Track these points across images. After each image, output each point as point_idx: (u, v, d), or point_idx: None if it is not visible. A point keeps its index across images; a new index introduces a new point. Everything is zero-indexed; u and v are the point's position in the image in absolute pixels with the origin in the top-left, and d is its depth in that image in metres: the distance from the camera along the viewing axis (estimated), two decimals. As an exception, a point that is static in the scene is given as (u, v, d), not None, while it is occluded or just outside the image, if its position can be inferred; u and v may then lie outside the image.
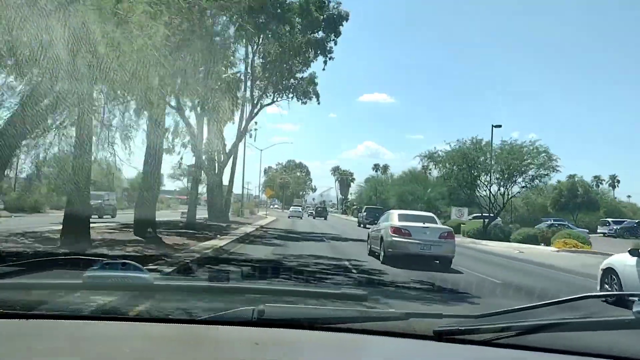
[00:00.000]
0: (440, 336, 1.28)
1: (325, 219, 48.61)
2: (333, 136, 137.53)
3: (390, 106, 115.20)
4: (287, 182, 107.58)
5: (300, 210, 53.92)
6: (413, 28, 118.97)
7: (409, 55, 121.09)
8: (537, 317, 1.33)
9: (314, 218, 47.82)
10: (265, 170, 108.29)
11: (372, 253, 12.42)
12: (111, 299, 1.57)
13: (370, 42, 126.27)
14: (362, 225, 34.75)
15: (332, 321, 1.32)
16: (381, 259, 10.84)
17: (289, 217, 44.12)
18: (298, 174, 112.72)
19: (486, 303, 5.77)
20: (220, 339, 1.29)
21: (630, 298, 1.31)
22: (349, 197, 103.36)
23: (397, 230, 10.70)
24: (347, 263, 10.58)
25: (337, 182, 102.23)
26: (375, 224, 13.93)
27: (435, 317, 1.39)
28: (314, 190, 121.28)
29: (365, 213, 36.46)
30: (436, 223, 11.51)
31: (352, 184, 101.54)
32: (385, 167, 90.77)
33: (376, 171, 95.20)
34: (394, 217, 11.68)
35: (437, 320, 1.36)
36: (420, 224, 10.92)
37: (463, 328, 1.29)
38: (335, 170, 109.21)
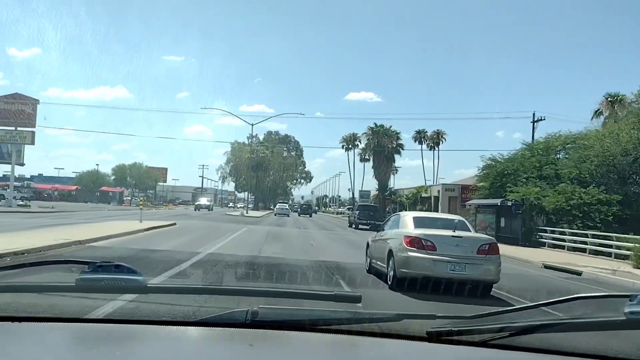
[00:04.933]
0: (433, 337, 1.54)
1: (310, 216, 62.72)
2: (319, 135, 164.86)
3: (377, 105, 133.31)
4: (266, 162, 79.33)
5: (287, 208, 62.86)
6: (400, 27, 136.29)
7: (396, 54, 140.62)
8: (530, 318, 1.57)
9: (299, 215, 61.58)
10: (232, 144, 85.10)
11: (373, 270, 11.53)
12: (104, 301, 1.87)
13: (357, 40, 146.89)
14: (353, 226, 37.12)
15: (325, 322, 1.58)
16: (390, 282, 9.73)
17: (275, 214, 54.99)
18: (285, 154, 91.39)
19: (480, 304, 6.74)
20: (214, 340, 1.58)
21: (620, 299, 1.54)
22: (392, 183, 70.92)
23: (414, 242, 9.41)
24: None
25: (370, 153, 67.99)
26: (370, 225, 11.80)
27: (428, 318, 1.65)
28: (309, 179, 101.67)
29: (357, 212, 38.51)
30: (469, 230, 10.40)
31: (398, 155, 68.59)
32: (440, 133, 69.19)
33: (420, 142, 70.41)
34: (407, 222, 10.56)
35: (431, 322, 1.61)
36: (449, 233, 9.69)
37: (456, 329, 1.54)
38: (350, 140, 75.26)
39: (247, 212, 52.04)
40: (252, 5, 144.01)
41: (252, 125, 46.28)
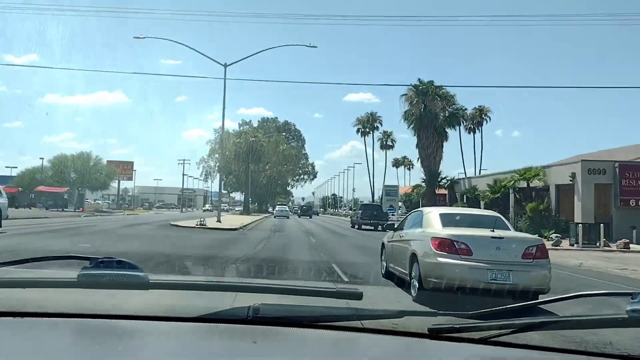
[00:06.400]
0: (435, 334, 1.65)
1: (310, 217, 64.39)
2: (318, 137, 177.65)
3: (375, 105, 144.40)
4: (258, 149, 66.28)
5: (287, 209, 63.04)
6: (396, 26, 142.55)
7: (392, 54, 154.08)
8: (532, 316, 1.68)
9: (299, 217, 63.67)
10: (217, 131, 70.13)
11: (391, 276, 10.98)
12: (106, 297, 1.95)
13: (354, 42, 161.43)
14: (356, 227, 38.06)
15: (327, 319, 1.72)
16: (414, 293, 8.90)
17: (275, 217, 54.77)
18: (283, 147, 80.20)
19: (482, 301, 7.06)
20: (216, 336, 1.70)
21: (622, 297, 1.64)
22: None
23: (445, 244, 8.50)
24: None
25: (412, 125, 48.96)
26: (373, 225, 10.83)
27: (430, 315, 1.81)
28: (314, 174, 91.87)
29: (360, 211, 39.25)
30: (509, 229, 9.56)
31: (452, 130, 51.22)
32: (483, 110, 59.43)
33: (458, 123, 54.31)
34: (433, 220, 9.68)
35: (432, 319, 1.74)
36: (487, 232, 8.73)
37: (458, 326, 1.65)
38: (368, 122, 69.12)
39: (218, 219, 34.15)
40: (250, 7, 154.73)
41: (225, 66, 34.02)
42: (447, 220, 9.38)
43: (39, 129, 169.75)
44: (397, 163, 78.63)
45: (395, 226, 11.92)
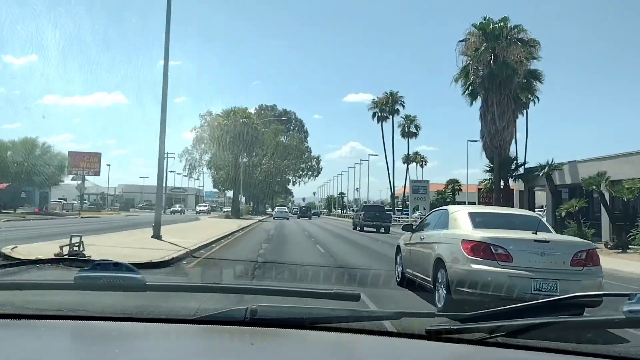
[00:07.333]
0: (432, 335, 1.71)
1: (310, 218, 66.28)
2: (318, 137, 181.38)
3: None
4: (250, 133, 54.38)
5: (286, 210, 64.98)
6: (396, 27, 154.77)
7: (392, 53, 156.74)
8: (528, 317, 1.75)
9: (298, 218, 65.34)
10: (202, 117, 61.81)
11: (406, 281, 10.46)
12: (103, 299, 2.00)
13: (353, 41, 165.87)
14: (358, 228, 38.45)
15: (325, 321, 1.76)
16: (440, 304, 8.16)
17: (274, 217, 56.43)
18: (283, 139, 74.46)
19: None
20: (213, 338, 1.74)
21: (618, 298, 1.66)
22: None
23: (479, 249, 7.77)
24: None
25: (475, 82, 34.72)
26: (376, 226, 10.11)
27: (427, 317, 1.90)
28: (318, 171, 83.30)
29: (363, 212, 39.44)
30: (550, 231, 8.83)
31: (529, 96, 37.77)
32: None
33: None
34: (461, 220, 8.95)
35: (430, 320, 1.81)
36: (528, 235, 7.97)
37: (455, 327, 1.73)
38: (386, 104, 62.74)
39: (155, 234, 18.23)
40: (248, 8, 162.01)
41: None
42: (477, 221, 8.73)
43: (37, 130, 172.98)
44: (407, 160, 70.34)
45: (414, 227, 11.30)
